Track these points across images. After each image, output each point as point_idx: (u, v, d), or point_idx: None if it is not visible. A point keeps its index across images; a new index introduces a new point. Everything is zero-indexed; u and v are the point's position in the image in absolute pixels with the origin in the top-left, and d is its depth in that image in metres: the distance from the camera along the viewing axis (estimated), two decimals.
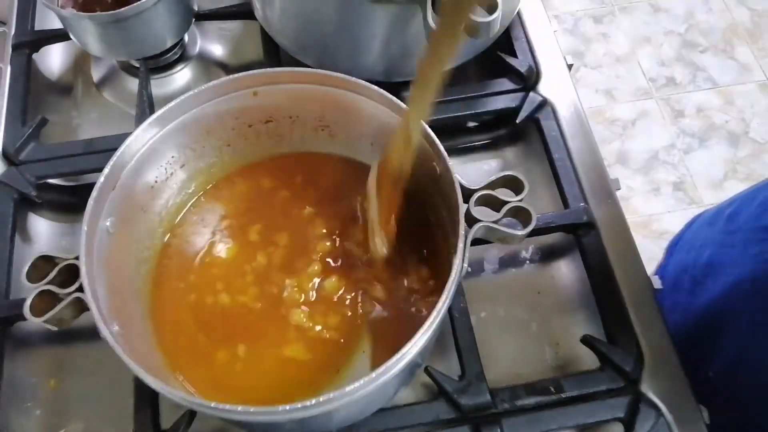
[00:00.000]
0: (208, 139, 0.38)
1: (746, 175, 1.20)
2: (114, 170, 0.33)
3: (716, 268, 0.46)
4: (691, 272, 0.49)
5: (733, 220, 0.46)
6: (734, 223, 0.46)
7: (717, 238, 0.48)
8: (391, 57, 0.45)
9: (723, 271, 0.45)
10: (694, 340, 0.46)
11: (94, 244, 0.32)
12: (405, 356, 0.28)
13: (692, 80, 1.30)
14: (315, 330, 0.35)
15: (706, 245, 0.49)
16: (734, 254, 0.44)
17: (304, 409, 0.27)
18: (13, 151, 0.46)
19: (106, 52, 0.49)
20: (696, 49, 1.33)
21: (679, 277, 0.51)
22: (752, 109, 1.26)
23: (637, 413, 0.37)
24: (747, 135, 1.24)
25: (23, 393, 0.40)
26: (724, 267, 0.45)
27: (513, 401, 0.37)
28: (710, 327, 0.45)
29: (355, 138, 0.39)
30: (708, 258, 0.47)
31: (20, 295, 0.42)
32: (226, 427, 0.38)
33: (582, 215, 0.43)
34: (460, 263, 0.30)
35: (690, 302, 0.48)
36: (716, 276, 0.45)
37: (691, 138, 1.23)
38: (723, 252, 0.46)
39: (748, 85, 1.29)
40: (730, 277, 0.43)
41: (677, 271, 0.52)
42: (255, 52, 0.52)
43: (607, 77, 1.30)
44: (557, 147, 0.46)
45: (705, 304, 0.46)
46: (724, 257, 0.45)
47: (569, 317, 0.42)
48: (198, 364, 0.34)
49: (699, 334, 0.46)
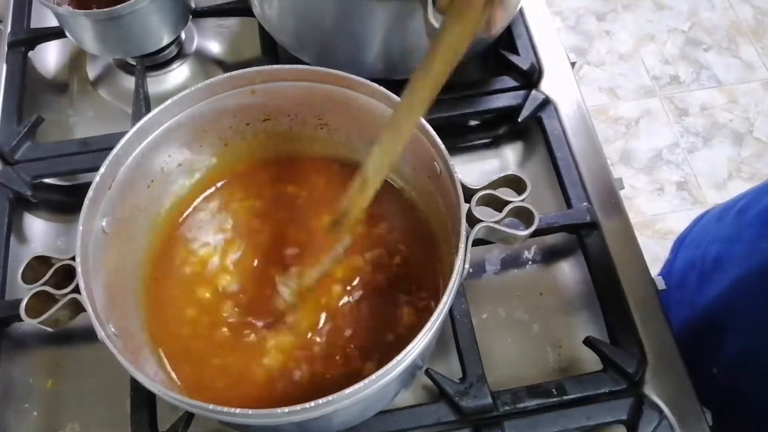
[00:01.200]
0: (205, 138, 0.38)
1: (750, 174, 1.19)
2: (110, 169, 0.33)
3: (724, 263, 0.45)
4: (699, 268, 0.49)
5: (743, 215, 0.46)
6: (744, 217, 0.45)
7: (725, 233, 0.47)
8: (391, 54, 0.45)
9: (731, 265, 0.44)
10: (700, 336, 0.46)
11: (90, 244, 0.31)
12: (405, 358, 0.27)
13: (696, 78, 1.29)
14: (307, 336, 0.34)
15: (714, 241, 0.48)
16: (743, 248, 0.44)
17: (304, 412, 0.26)
18: (9, 150, 0.46)
19: (103, 50, 0.49)
20: (700, 47, 1.32)
21: (687, 274, 0.50)
22: (756, 107, 1.26)
23: (640, 415, 0.37)
24: (751, 134, 1.23)
25: (20, 394, 0.40)
26: (732, 261, 0.44)
27: (515, 403, 0.37)
28: (716, 321, 0.44)
29: (354, 136, 0.38)
30: (716, 253, 0.47)
31: (16, 296, 0.42)
32: (223, 429, 0.38)
33: (585, 215, 0.43)
34: (461, 264, 0.29)
35: (697, 297, 0.47)
36: (724, 270, 0.45)
37: (695, 137, 1.23)
38: (731, 246, 0.45)
39: (753, 84, 1.28)
40: (737, 270, 0.43)
41: (685, 268, 0.51)
42: (253, 49, 0.52)
43: (611, 75, 1.29)
44: (560, 146, 0.46)
45: (712, 298, 0.45)
46: (733, 251, 0.45)
47: (572, 318, 0.42)
48: (193, 366, 0.34)
49: (704, 330, 0.45)
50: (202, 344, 0.35)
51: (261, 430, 0.34)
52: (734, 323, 0.43)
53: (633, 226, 0.44)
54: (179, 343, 0.35)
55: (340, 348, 0.34)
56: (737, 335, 0.42)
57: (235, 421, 0.28)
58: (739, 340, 0.42)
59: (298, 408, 0.26)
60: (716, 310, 0.45)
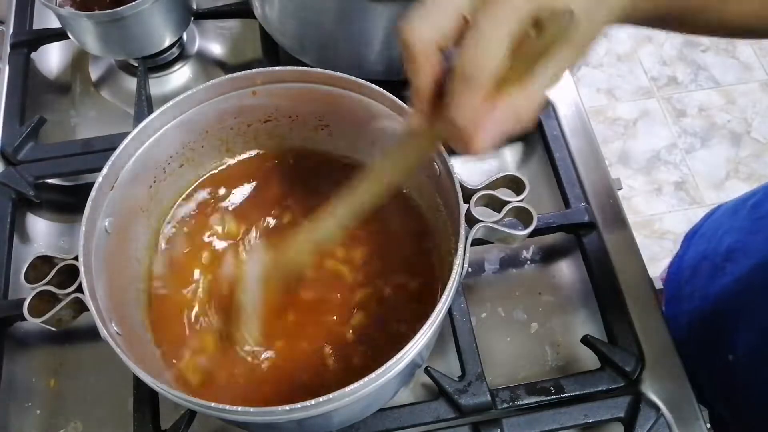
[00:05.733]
0: (207, 139, 0.38)
1: (748, 174, 1.19)
2: (112, 170, 0.33)
3: (738, 253, 0.45)
4: (712, 259, 0.48)
5: (757, 209, 0.46)
6: (759, 211, 0.45)
7: (740, 225, 0.47)
8: (392, 56, 0.45)
9: (745, 255, 0.44)
10: (714, 325, 0.45)
11: (93, 244, 0.32)
12: (405, 356, 0.28)
13: (694, 79, 1.29)
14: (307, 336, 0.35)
15: (728, 232, 0.48)
16: (758, 240, 0.43)
17: (304, 410, 0.27)
18: (12, 150, 0.46)
19: (105, 51, 0.49)
20: (698, 48, 1.33)
21: (699, 265, 0.50)
22: (754, 108, 1.26)
23: (637, 413, 0.37)
24: (749, 134, 1.24)
25: (23, 393, 0.40)
26: (746, 251, 0.44)
27: (513, 401, 0.37)
28: (731, 309, 0.44)
29: (355, 138, 0.39)
30: (730, 244, 0.47)
31: (19, 296, 0.42)
32: (225, 427, 0.38)
33: (583, 215, 0.43)
34: (460, 264, 0.30)
35: (709, 287, 0.47)
36: (738, 260, 0.44)
37: (693, 137, 1.23)
38: (746, 238, 0.45)
39: (750, 85, 1.29)
40: (752, 260, 0.43)
41: (697, 259, 0.51)
42: (254, 50, 0.52)
43: (609, 76, 1.30)
44: (558, 146, 0.46)
45: (726, 286, 0.45)
46: (748, 243, 0.44)
47: (570, 317, 0.42)
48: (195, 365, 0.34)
49: (719, 318, 0.45)
50: (203, 343, 0.35)
51: (262, 428, 0.35)
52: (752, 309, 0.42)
53: (631, 226, 0.44)
54: (181, 341, 0.35)
55: (340, 347, 0.35)
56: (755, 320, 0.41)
57: (236, 419, 0.29)
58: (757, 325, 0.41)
59: (299, 406, 0.26)
60: (731, 298, 0.44)
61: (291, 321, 0.35)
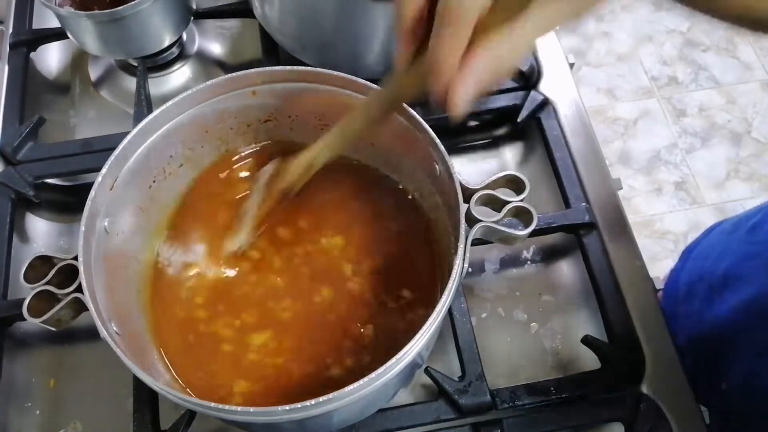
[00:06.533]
0: (206, 139, 0.38)
1: (748, 174, 1.19)
2: (112, 170, 0.33)
3: (736, 280, 0.45)
4: (708, 281, 0.48)
5: (756, 231, 0.45)
6: (757, 234, 0.45)
7: (738, 248, 0.47)
8: (392, 55, 0.45)
9: (743, 282, 0.44)
10: (708, 352, 0.45)
11: (92, 244, 0.32)
12: (405, 356, 0.28)
13: (694, 79, 1.29)
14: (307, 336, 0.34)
15: (726, 254, 0.48)
16: (756, 266, 0.43)
17: (304, 410, 0.27)
18: (11, 150, 0.46)
19: (104, 51, 0.49)
20: (698, 48, 1.33)
21: (695, 285, 0.50)
22: (754, 108, 1.26)
23: (637, 413, 0.37)
24: (749, 134, 1.23)
25: (23, 393, 0.40)
26: (744, 279, 0.44)
27: (513, 401, 0.37)
28: (725, 339, 0.44)
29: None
30: (727, 268, 0.46)
31: (18, 296, 0.42)
32: (225, 427, 0.38)
33: (583, 215, 0.43)
34: (460, 263, 0.30)
35: (705, 311, 0.47)
36: (735, 288, 0.44)
37: (693, 137, 1.23)
38: (744, 264, 0.45)
39: (751, 84, 1.29)
40: (750, 289, 0.42)
41: (693, 278, 0.51)
42: (254, 50, 0.52)
43: (609, 76, 1.30)
44: (558, 146, 0.46)
45: (722, 315, 0.45)
46: (745, 269, 0.44)
47: (570, 317, 0.42)
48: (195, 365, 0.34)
49: (713, 345, 0.45)
50: (204, 343, 0.35)
51: (262, 428, 0.35)
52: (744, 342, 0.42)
53: (631, 226, 0.44)
54: (181, 341, 0.35)
55: (340, 347, 0.35)
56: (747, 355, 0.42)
57: (236, 419, 0.28)
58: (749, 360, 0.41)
59: (299, 406, 0.26)
60: (726, 327, 0.44)
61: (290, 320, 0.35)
